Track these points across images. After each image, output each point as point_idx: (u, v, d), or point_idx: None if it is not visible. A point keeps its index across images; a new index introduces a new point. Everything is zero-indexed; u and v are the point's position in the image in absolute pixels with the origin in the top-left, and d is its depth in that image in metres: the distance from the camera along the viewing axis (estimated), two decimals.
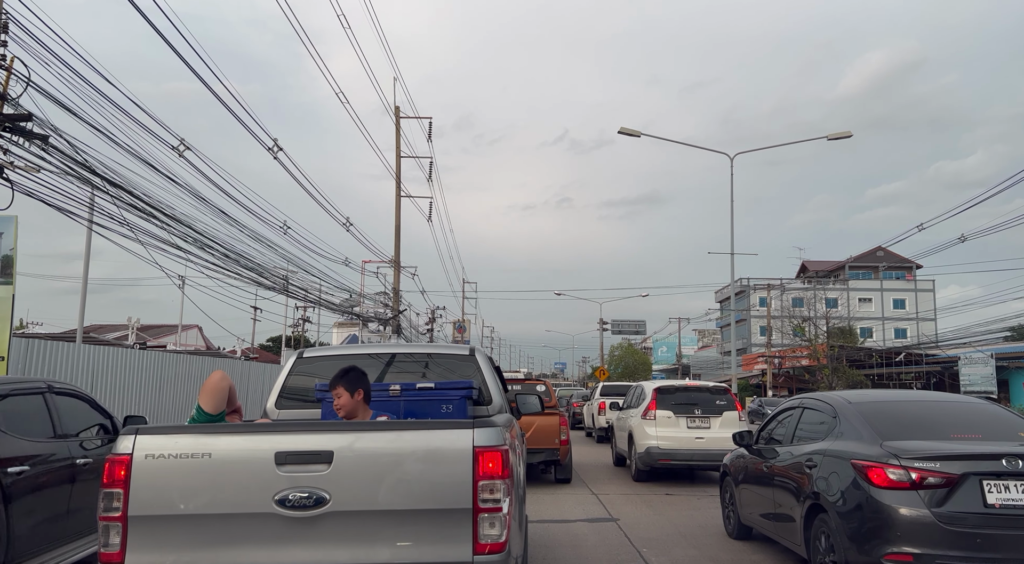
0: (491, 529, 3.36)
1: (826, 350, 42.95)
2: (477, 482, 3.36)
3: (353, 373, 4.48)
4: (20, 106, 10.47)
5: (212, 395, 4.22)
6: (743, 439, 7.77)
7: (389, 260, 28.63)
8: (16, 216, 11.02)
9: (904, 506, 4.94)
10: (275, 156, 15.98)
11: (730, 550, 7.57)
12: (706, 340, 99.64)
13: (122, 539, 3.29)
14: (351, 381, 4.43)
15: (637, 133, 26.12)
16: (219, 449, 3.38)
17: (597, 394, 24.26)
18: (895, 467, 5.05)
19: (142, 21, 10.46)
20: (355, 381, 4.44)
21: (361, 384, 4.45)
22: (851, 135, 25.53)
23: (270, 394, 5.37)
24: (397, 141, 27.77)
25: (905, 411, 6.17)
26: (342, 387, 4.41)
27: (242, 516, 3.32)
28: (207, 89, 12.47)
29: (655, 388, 13.23)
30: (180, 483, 3.33)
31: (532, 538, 7.31)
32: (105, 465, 3.35)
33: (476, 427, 3.47)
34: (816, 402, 6.80)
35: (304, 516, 3.31)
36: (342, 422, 4.16)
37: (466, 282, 59.83)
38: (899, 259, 63.77)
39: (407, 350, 6.04)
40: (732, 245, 27.78)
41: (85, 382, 15.15)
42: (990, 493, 4.86)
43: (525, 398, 6.40)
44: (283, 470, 3.33)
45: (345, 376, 4.45)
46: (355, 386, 4.42)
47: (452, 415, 4.90)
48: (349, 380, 4.43)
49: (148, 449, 3.35)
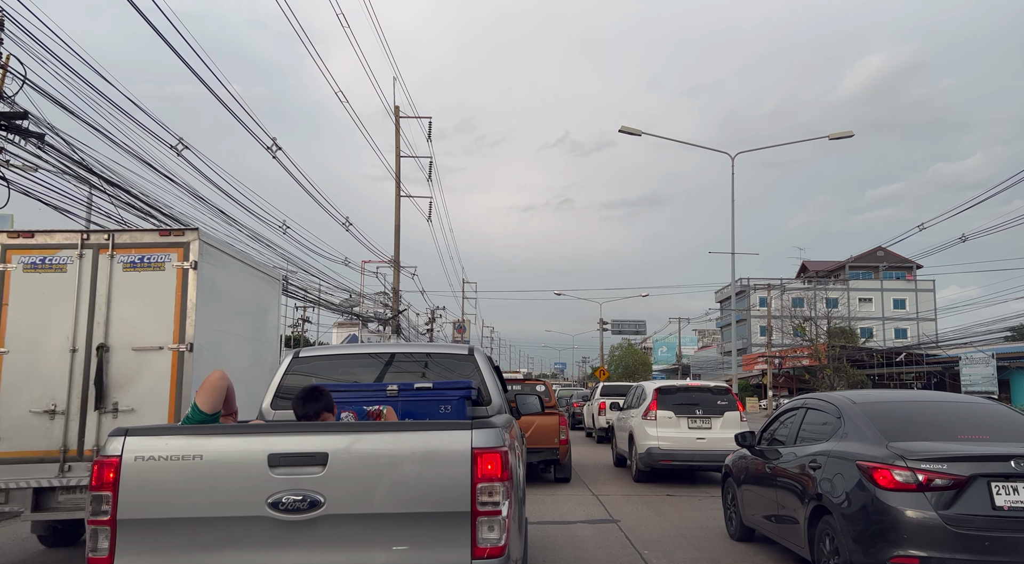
0: (490, 533, 3.27)
1: (827, 350, 42.85)
2: (476, 484, 3.27)
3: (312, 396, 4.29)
4: (16, 104, 10.40)
5: (210, 393, 4.14)
6: (745, 440, 7.68)
7: (389, 260, 28.55)
8: (12, 215, 10.95)
9: (910, 508, 4.85)
10: (274, 155, 15.91)
11: (732, 552, 7.49)
12: (706, 340, 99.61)
13: (111, 544, 3.21)
14: (326, 404, 4.29)
15: (638, 132, 26.03)
16: (211, 451, 3.29)
17: (597, 394, 24.19)
18: (901, 468, 4.96)
19: (144, 23, 10.41)
20: (327, 403, 4.31)
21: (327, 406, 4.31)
22: (852, 134, 25.45)
23: (265, 394, 5.28)
24: (397, 141, 27.70)
25: (911, 411, 6.08)
26: (327, 413, 4.28)
27: (234, 519, 3.24)
28: (205, 87, 12.40)
29: (656, 388, 13.15)
30: (171, 486, 3.24)
31: (532, 540, 7.22)
32: (94, 467, 3.26)
33: (475, 428, 3.39)
34: (820, 402, 6.71)
35: (298, 519, 3.22)
36: (337, 423, 4.07)
37: (466, 282, 59.79)
38: (899, 259, 63.70)
39: (405, 350, 5.96)
40: (733, 244, 27.71)
41: None
42: (998, 495, 4.77)
43: (525, 398, 6.32)
44: (276, 472, 3.25)
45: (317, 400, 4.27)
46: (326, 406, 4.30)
47: (450, 416, 4.82)
48: (325, 404, 4.28)
49: (138, 451, 3.27)
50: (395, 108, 27.72)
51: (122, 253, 7.38)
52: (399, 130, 27.75)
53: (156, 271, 7.37)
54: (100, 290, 7.29)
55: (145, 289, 7.31)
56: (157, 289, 7.30)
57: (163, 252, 7.40)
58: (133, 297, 7.32)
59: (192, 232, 7.47)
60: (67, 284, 7.28)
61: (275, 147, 15.80)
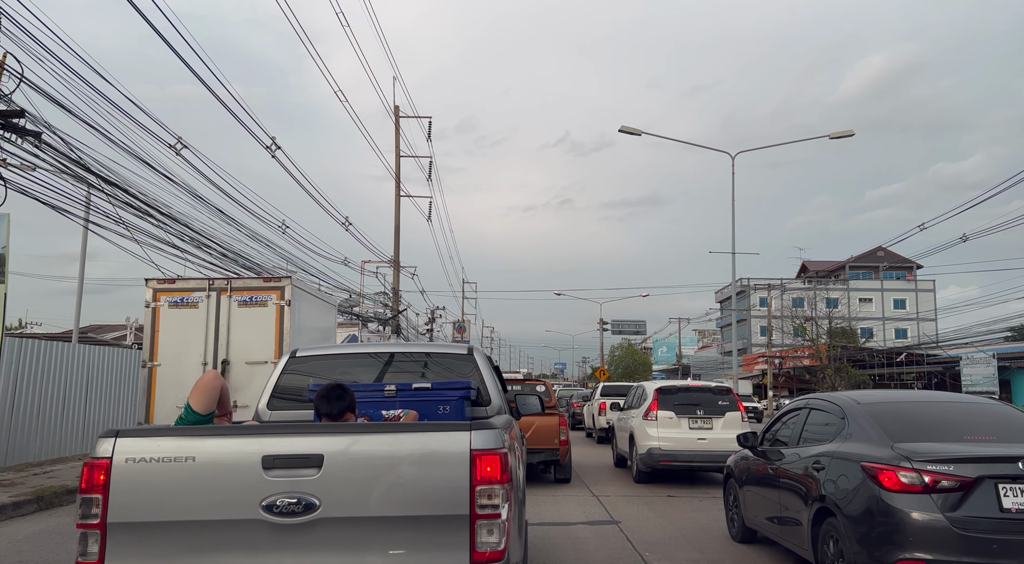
0: (489, 536, 3.20)
1: (828, 350, 42.77)
2: (474, 487, 3.19)
3: (337, 395, 4.13)
4: (13, 102, 10.32)
5: (203, 393, 4.06)
6: (747, 441, 7.61)
7: (388, 260, 28.48)
8: (8, 214, 10.86)
9: (916, 510, 4.78)
10: (273, 154, 15.84)
11: (734, 553, 7.41)
12: (706, 340, 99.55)
13: (101, 547, 3.13)
14: (350, 404, 4.14)
15: (638, 132, 25.96)
16: (203, 452, 3.21)
17: (597, 394, 24.12)
18: (907, 470, 4.89)
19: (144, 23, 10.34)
20: (351, 402, 4.17)
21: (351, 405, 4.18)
22: (853, 133, 25.39)
23: (261, 395, 5.20)
24: (397, 140, 27.63)
25: (916, 412, 6.00)
26: (350, 413, 4.14)
27: (227, 523, 3.16)
28: (203, 85, 12.34)
29: (657, 388, 13.07)
30: (162, 488, 3.16)
31: (532, 541, 7.15)
32: (84, 469, 3.19)
33: (474, 429, 3.30)
34: (823, 403, 6.64)
35: (293, 523, 3.15)
36: (333, 424, 3.96)
37: (466, 282, 59.70)
38: (899, 259, 63.62)
39: (403, 349, 5.87)
40: (733, 244, 27.67)
41: (80, 381, 15.00)
42: (1006, 497, 4.69)
43: (525, 398, 6.25)
44: (271, 474, 3.17)
45: (342, 399, 4.12)
46: (350, 405, 4.17)
47: (449, 416, 4.74)
48: (349, 403, 4.14)
49: (128, 452, 3.19)
50: (395, 108, 27.66)
51: (237, 294, 10.47)
52: (399, 130, 27.68)
53: (261, 307, 10.41)
54: (223, 321, 10.38)
55: (254, 320, 10.30)
56: (262, 319, 10.32)
57: (266, 293, 10.50)
58: (246, 325, 10.31)
59: (286, 279, 10.71)
60: (199, 316, 10.28)
61: (274, 146, 15.73)
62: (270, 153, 15.76)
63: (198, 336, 10.23)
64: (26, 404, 13.34)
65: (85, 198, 12.66)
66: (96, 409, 15.52)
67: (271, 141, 15.61)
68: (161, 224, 13.95)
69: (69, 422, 14.60)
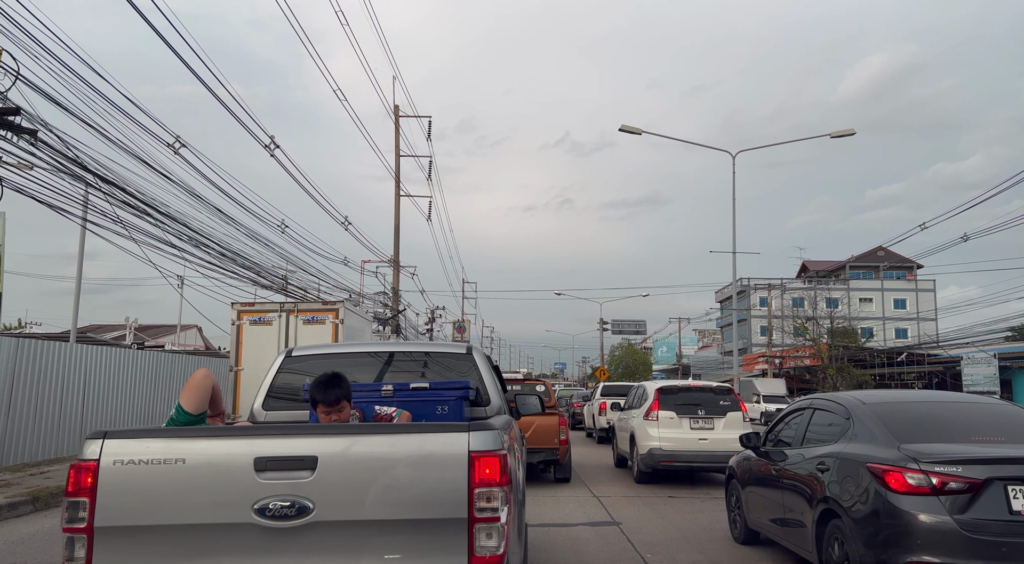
0: (488, 540, 3.10)
1: (829, 350, 42.65)
2: (473, 490, 3.10)
3: (334, 383, 4.08)
4: (8, 100, 10.23)
5: (194, 393, 3.96)
6: (750, 441, 7.52)
7: (388, 259, 28.40)
8: (4, 213, 10.80)
9: (924, 512, 4.68)
10: (272, 153, 15.75)
11: (736, 555, 7.32)
12: (706, 340, 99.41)
13: (87, 552, 3.04)
14: (347, 392, 4.09)
15: (638, 131, 25.87)
16: (194, 454, 3.12)
17: (598, 394, 24.06)
18: (914, 471, 4.79)
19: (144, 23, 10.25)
20: (347, 390, 4.12)
21: (347, 393, 4.12)
22: (854, 133, 25.29)
23: (256, 394, 5.11)
24: (396, 140, 27.54)
25: (922, 412, 5.90)
26: (346, 402, 4.08)
27: (219, 526, 3.07)
28: (202, 85, 12.25)
29: (657, 388, 12.99)
30: (151, 491, 3.07)
31: (532, 542, 7.06)
32: (70, 472, 3.09)
33: (472, 430, 3.21)
34: (827, 403, 6.54)
35: (286, 526, 3.06)
36: (327, 425, 3.87)
37: (466, 282, 59.61)
38: (900, 259, 63.48)
39: (401, 348, 5.78)
40: (734, 244, 27.56)
41: (78, 381, 14.91)
42: (1016, 499, 4.60)
43: (524, 398, 6.17)
44: (263, 477, 3.08)
45: (338, 387, 4.07)
46: (346, 394, 4.11)
47: (448, 417, 4.65)
48: (346, 391, 4.09)
49: (117, 454, 3.10)
50: (395, 107, 27.57)
51: (302, 314, 13.45)
52: (399, 129, 27.60)
53: (320, 325, 13.31)
54: (291, 335, 13.22)
55: (315, 334, 13.08)
56: (321, 334, 13.13)
57: (324, 313, 13.54)
58: (309, 338, 12.91)
59: (339, 303, 13.80)
60: (273, 332, 13.20)
61: (273, 145, 15.64)
62: (269, 152, 15.68)
63: (272, 347, 12.80)
64: (23, 404, 13.26)
65: (83, 197, 12.58)
66: (94, 409, 15.43)
67: (270, 140, 15.52)
68: (159, 223, 13.88)
69: (66, 422, 14.51)
